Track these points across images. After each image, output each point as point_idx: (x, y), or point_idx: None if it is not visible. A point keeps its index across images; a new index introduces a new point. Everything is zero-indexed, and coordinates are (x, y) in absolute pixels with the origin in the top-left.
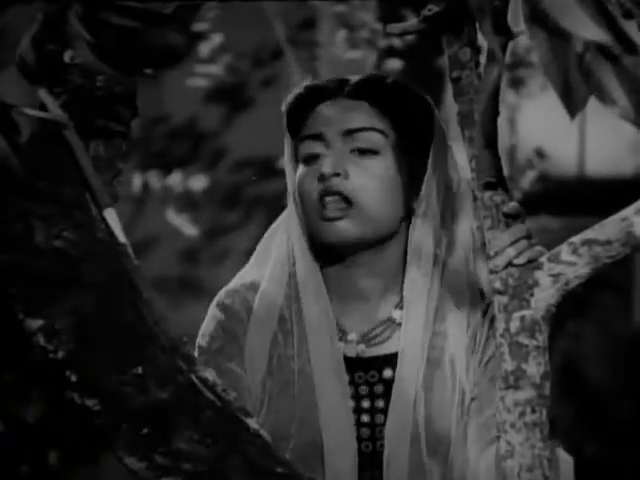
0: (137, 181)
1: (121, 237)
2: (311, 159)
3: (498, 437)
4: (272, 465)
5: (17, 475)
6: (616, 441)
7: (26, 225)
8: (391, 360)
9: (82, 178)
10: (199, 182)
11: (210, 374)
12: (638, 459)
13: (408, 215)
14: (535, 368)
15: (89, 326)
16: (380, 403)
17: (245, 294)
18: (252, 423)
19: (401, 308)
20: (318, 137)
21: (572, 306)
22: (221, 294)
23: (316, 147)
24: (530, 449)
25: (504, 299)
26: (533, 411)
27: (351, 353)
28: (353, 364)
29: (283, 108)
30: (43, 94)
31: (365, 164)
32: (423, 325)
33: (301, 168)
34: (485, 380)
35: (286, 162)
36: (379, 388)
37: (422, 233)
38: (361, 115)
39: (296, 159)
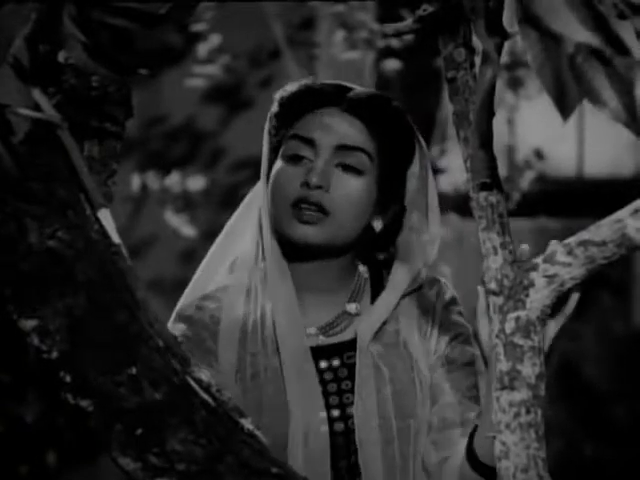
0: (135, 181)
1: (115, 237)
2: (295, 159)
3: (493, 437)
4: (267, 465)
5: (16, 475)
6: (614, 441)
7: (19, 225)
8: (352, 346)
9: (76, 178)
10: (197, 182)
11: (205, 375)
12: (636, 459)
13: (365, 229)
14: (530, 369)
15: (83, 326)
16: (346, 385)
17: (204, 304)
18: (247, 423)
19: (354, 301)
20: (309, 142)
21: None
22: (178, 310)
23: (304, 150)
24: (525, 450)
25: (499, 300)
26: (528, 412)
27: (312, 344)
28: (315, 353)
29: (277, 96)
30: (37, 94)
31: (348, 181)
32: (381, 310)
33: (281, 163)
34: (443, 371)
35: (264, 150)
36: (343, 372)
37: (408, 243)
38: (357, 134)
39: (275, 151)
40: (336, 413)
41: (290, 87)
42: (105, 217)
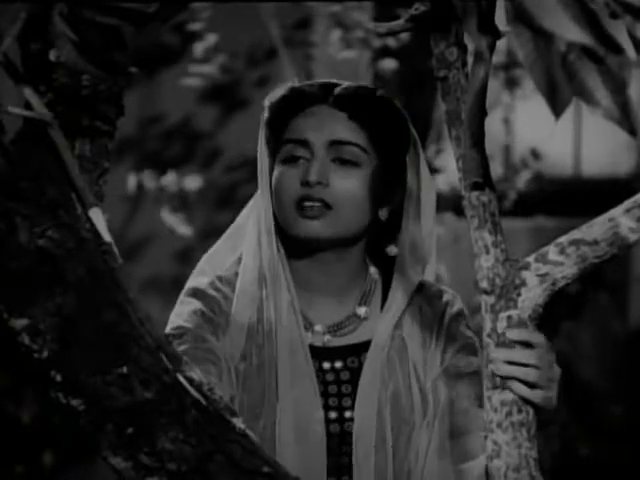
0: (131, 181)
1: (106, 236)
2: (292, 160)
3: (485, 437)
4: (258, 464)
5: (12, 475)
6: (610, 441)
7: (10, 224)
8: (356, 349)
9: (67, 177)
10: (194, 182)
11: (196, 374)
12: (633, 459)
13: (372, 221)
14: None
15: (73, 326)
16: (346, 388)
17: (219, 285)
18: (238, 422)
19: (364, 304)
20: (303, 143)
21: (567, 306)
22: (195, 283)
23: (299, 151)
24: (517, 449)
25: (491, 299)
26: (520, 411)
27: (317, 343)
28: (319, 353)
29: (266, 103)
30: (28, 93)
31: (345, 174)
32: (391, 318)
33: (280, 167)
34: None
35: (261, 154)
36: (345, 375)
37: (408, 239)
38: (347, 129)
39: (272, 156)
40: (334, 415)
41: (277, 92)
42: (96, 216)
